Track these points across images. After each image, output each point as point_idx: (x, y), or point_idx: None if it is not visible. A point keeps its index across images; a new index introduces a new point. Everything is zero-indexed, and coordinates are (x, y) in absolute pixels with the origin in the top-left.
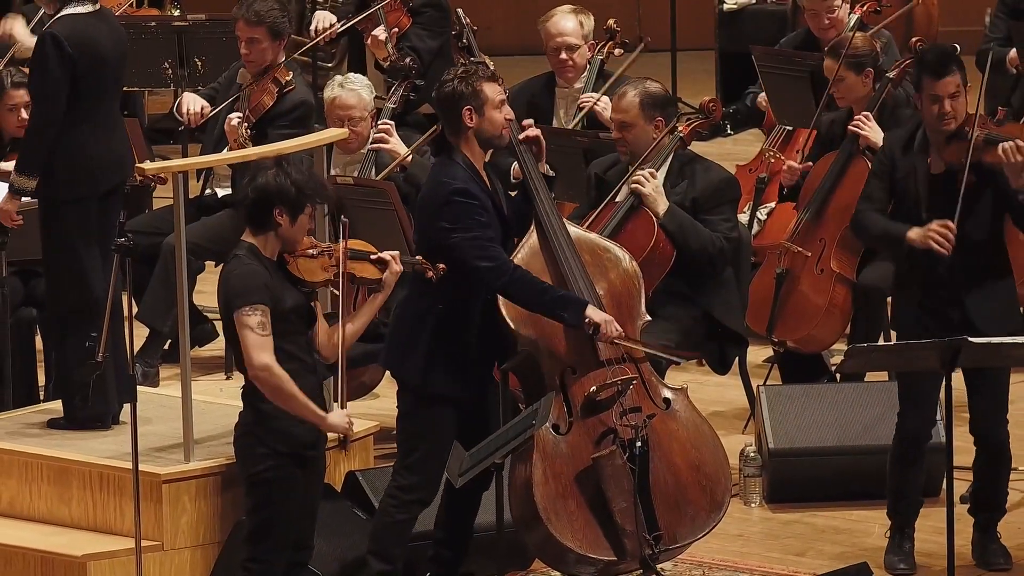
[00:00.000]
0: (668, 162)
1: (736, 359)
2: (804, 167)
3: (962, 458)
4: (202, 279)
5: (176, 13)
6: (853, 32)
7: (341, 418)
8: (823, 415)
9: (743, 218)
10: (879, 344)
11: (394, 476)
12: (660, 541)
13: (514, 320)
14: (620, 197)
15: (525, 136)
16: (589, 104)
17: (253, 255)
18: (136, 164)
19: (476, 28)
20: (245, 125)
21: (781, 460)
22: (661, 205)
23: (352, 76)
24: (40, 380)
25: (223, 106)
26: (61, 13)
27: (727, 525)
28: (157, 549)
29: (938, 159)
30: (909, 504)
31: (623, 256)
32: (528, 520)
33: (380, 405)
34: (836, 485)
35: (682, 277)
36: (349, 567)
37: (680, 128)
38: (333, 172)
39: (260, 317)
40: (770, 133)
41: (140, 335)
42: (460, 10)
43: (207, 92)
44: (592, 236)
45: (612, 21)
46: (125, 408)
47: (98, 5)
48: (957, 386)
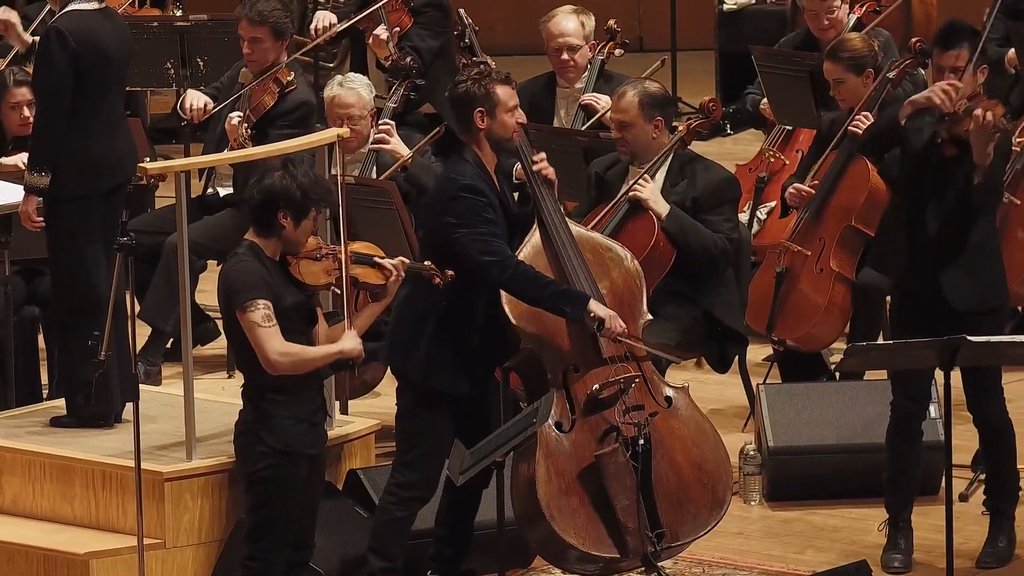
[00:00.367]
0: (668, 162)
1: (736, 358)
2: (809, 193)
3: (961, 456)
4: (204, 278)
5: (178, 13)
6: (851, 33)
7: (353, 341)
8: (822, 413)
9: (743, 217)
10: (878, 343)
11: (393, 473)
12: (662, 538)
13: (517, 318)
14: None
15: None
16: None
17: (253, 253)
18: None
19: (478, 28)
20: (245, 125)
21: (781, 458)
22: (662, 207)
23: (351, 75)
24: (43, 379)
25: (225, 104)
26: (66, 9)
27: (727, 523)
28: (159, 547)
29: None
30: (902, 486)
31: (625, 255)
32: (531, 517)
33: (381, 403)
34: (835, 483)
35: (682, 276)
36: (350, 564)
37: (680, 128)
38: (333, 172)
39: (263, 310)
40: (770, 133)
41: (142, 334)
42: (462, 10)
43: (209, 92)
44: (594, 235)
45: (612, 21)
46: (128, 406)
47: (104, 3)
48: (956, 384)
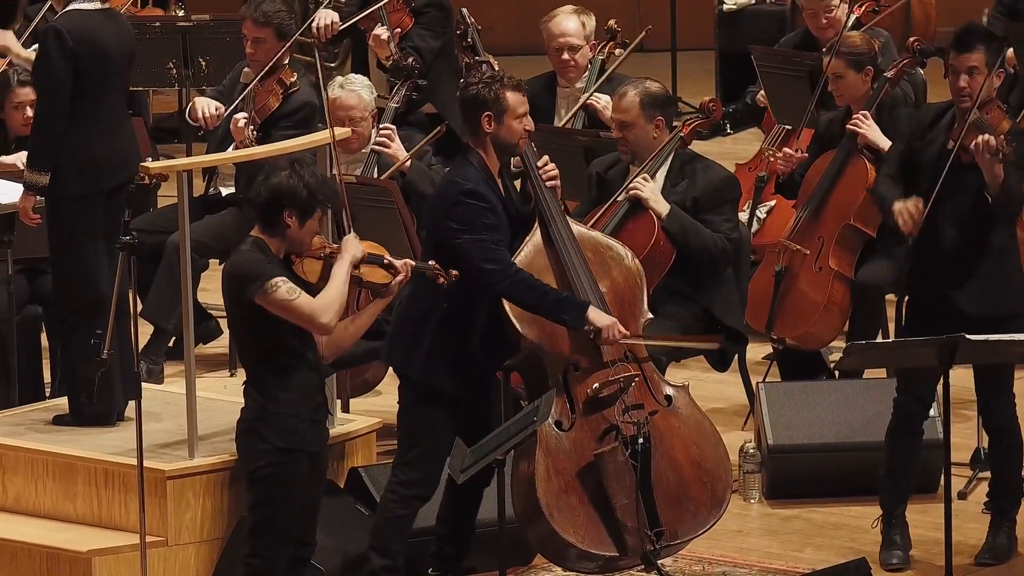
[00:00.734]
0: (668, 161)
1: (736, 356)
2: (800, 158)
3: (960, 455)
4: (206, 277)
5: (180, 13)
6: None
7: (355, 245)
8: (822, 412)
9: (743, 216)
10: (877, 341)
11: (394, 472)
12: (661, 537)
13: (518, 318)
14: (621, 198)
15: (546, 176)
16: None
17: (258, 247)
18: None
19: (480, 28)
20: (251, 127)
21: (780, 456)
22: (662, 207)
23: (352, 77)
24: (46, 377)
25: (232, 106)
26: (67, 8)
27: (726, 521)
28: (161, 545)
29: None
30: (898, 484)
31: (625, 254)
32: (531, 515)
33: (383, 402)
34: (835, 481)
35: (682, 275)
36: (351, 562)
37: (680, 128)
38: (333, 171)
39: (284, 285)
40: (770, 132)
41: (145, 332)
42: (464, 9)
43: (212, 93)
44: (595, 234)
45: (613, 21)
46: (130, 405)
47: (107, 3)
48: (956, 383)
